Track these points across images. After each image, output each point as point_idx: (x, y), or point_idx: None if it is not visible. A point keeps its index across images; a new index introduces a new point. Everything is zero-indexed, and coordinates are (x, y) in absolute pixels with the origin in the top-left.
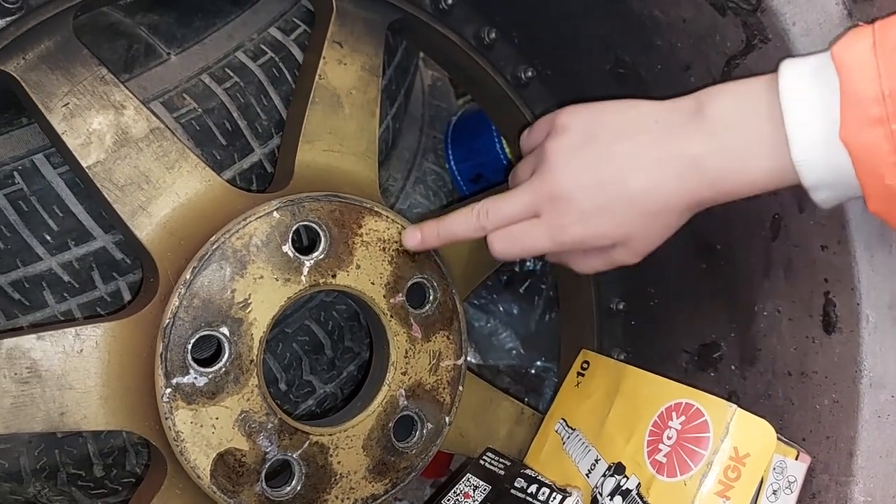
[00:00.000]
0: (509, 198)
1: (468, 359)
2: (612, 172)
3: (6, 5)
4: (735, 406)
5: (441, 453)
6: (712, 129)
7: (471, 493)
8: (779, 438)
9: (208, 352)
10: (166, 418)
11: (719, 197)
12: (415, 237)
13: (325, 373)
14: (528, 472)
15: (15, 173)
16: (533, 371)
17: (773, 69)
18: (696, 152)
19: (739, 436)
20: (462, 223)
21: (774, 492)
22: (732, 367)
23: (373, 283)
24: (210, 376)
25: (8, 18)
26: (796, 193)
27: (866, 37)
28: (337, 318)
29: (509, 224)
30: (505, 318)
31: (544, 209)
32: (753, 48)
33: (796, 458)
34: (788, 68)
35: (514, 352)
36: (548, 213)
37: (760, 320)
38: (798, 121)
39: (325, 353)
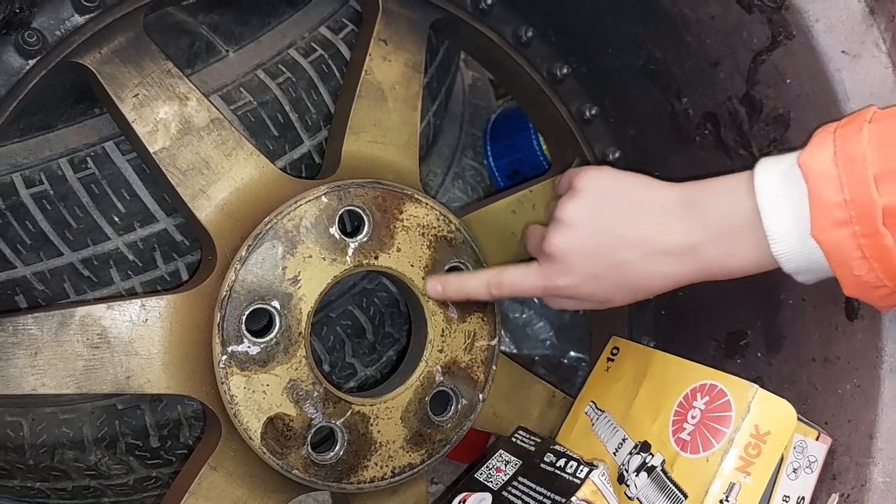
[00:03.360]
0: (521, 275)
1: (503, 348)
2: (611, 251)
3: (85, 4)
4: (756, 386)
5: (476, 437)
6: (708, 222)
7: (503, 467)
8: (800, 419)
9: (260, 324)
10: (222, 383)
11: (708, 279)
12: (435, 289)
13: (366, 356)
14: (557, 447)
15: (88, 159)
16: (566, 361)
17: (798, 66)
18: (693, 242)
19: (760, 414)
20: (477, 289)
21: (795, 470)
22: (759, 354)
23: (412, 266)
24: (262, 346)
25: (87, 16)
26: None
27: (828, 146)
28: (378, 305)
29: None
30: (539, 309)
31: (543, 261)
32: (779, 44)
33: (817, 439)
34: (762, 171)
35: (547, 342)
36: (547, 268)
37: (786, 309)
38: (774, 220)
39: (366, 337)
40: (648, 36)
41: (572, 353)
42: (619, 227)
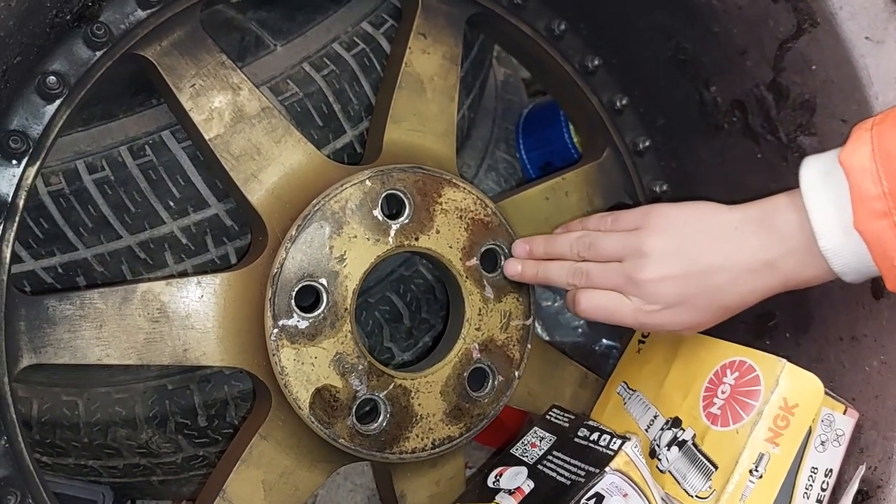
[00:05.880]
0: (606, 271)
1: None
2: (699, 277)
3: None
4: (785, 360)
5: (511, 421)
6: (783, 237)
7: (537, 442)
8: (827, 394)
9: (309, 301)
10: (273, 355)
11: (787, 289)
12: (515, 269)
13: (403, 341)
14: (590, 423)
15: (146, 146)
16: (597, 349)
17: (823, 52)
18: (771, 257)
19: (789, 388)
20: (559, 275)
21: (822, 443)
22: (787, 335)
23: (450, 247)
24: (311, 320)
25: (149, 11)
26: None
27: (866, 143)
28: (415, 291)
29: (594, 288)
30: None
31: (633, 293)
32: (804, 32)
33: (844, 413)
34: (806, 174)
35: (579, 330)
36: (637, 300)
37: (814, 289)
38: (820, 217)
39: (403, 322)
40: (677, 27)
41: (604, 341)
42: (703, 255)
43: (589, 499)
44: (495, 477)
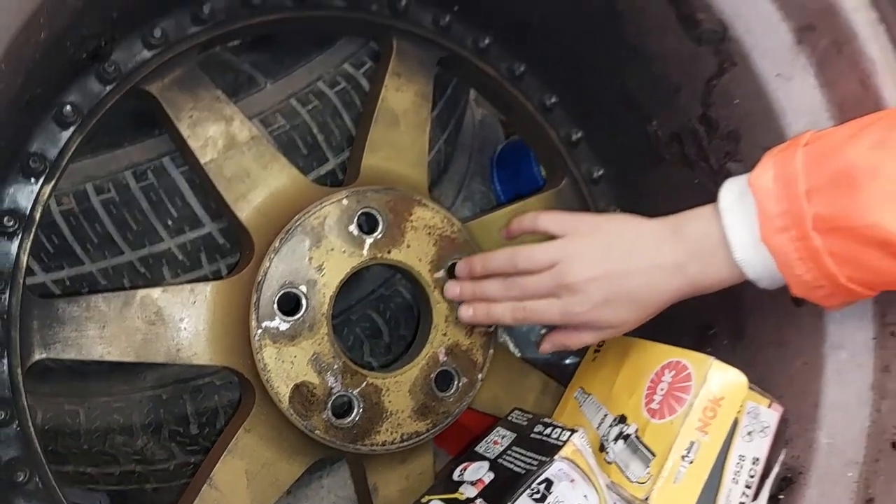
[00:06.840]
0: (536, 280)
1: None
2: (621, 277)
3: (152, 42)
4: (713, 358)
5: (479, 430)
6: (689, 243)
7: (499, 440)
8: (752, 388)
9: (290, 306)
10: (257, 353)
11: (696, 292)
12: (454, 291)
13: (382, 356)
14: (546, 420)
15: (148, 171)
16: (565, 364)
17: (743, 88)
18: (680, 260)
19: (716, 382)
20: (495, 290)
21: (749, 433)
22: (725, 342)
23: (420, 260)
24: (291, 323)
25: (153, 51)
26: None
27: (770, 168)
28: (394, 309)
29: (528, 298)
30: None
31: (563, 294)
32: (725, 71)
33: (769, 407)
34: (724, 194)
35: None
36: (565, 298)
37: (747, 302)
38: (734, 231)
39: (382, 338)
40: (621, 68)
41: (571, 358)
42: (626, 259)
43: (540, 483)
44: (460, 472)
